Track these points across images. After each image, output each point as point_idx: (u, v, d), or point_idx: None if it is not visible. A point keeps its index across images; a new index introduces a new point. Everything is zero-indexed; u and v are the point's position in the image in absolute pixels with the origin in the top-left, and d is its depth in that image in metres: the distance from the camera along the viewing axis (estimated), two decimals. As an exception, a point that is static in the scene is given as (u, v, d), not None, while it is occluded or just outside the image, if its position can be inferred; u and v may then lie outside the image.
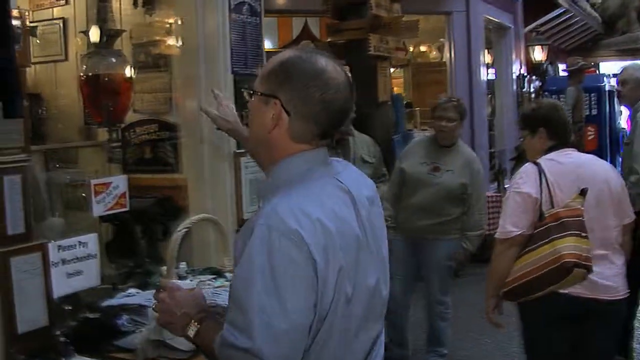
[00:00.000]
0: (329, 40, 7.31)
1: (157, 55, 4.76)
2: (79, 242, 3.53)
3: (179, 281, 3.31)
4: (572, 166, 3.92)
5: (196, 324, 2.07)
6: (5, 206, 3.04)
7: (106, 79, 4.27)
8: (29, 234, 3.15)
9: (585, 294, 3.79)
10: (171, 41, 4.69)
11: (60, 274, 3.35)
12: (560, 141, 4.05)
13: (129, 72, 4.38)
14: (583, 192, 3.75)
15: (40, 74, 5.11)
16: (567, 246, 3.65)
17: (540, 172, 3.85)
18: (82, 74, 4.37)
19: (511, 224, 3.87)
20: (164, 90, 4.70)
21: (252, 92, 2.05)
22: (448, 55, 10.23)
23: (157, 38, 4.74)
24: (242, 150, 4.29)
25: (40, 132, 4.94)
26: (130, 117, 4.69)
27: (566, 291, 3.77)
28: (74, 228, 4.30)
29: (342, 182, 2.02)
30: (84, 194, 4.53)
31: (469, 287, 7.30)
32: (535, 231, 3.79)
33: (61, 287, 3.35)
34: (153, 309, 2.29)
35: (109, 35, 4.33)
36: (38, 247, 3.17)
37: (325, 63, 1.97)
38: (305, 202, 1.88)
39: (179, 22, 4.62)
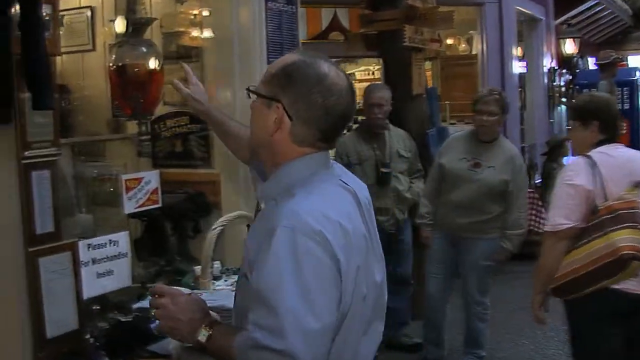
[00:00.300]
0: (361, 31, 7.14)
1: (188, 45, 4.65)
2: (110, 240, 3.41)
3: (181, 288, 3.13)
4: (623, 160, 3.86)
5: (207, 328, 2.04)
6: (33, 203, 2.88)
7: (136, 69, 4.05)
8: (58, 232, 2.99)
9: (636, 289, 3.71)
10: (203, 31, 4.57)
11: (90, 274, 3.22)
12: (610, 135, 3.98)
13: (159, 62, 4.16)
14: (638, 185, 3.71)
15: (66, 65, 4.97)
16: (624, 238, 3.57)
17: (593, 164, 3.75)
18: (110, 64, 4.15)
19: (563, 216, 3.77)
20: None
21: (255, 93, 2.07)
22: (479, 47, 9.96)
23: (189, 27, 4.62)
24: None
25: (67, 125, 4.76)
26: (160, 109, 4.52)
27: (617, 287, 3.68)
28: (102, 224, 4.29)
29: (347, 184, 2.06)
30: (112, 189, 4.40)
31: (505, 285, 7.18)
32: (589, 224, 3.70)
33: (91, 287, 3.22)
34: (153, 315, 2.21)
35: (140, 24, 4.13)
36: (68, 247, 3.02)
37: (328, 68, 2.00)
38: (322, 204, 1.91)
39: (212, 11, 4.53)
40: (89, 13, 4.94)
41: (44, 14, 2.84)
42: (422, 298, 5.90)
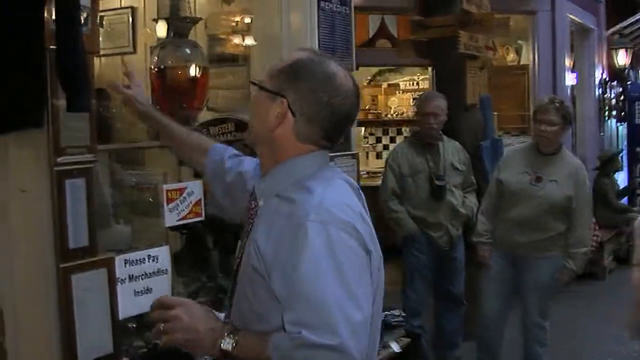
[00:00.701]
0: (411, 37, 6.85)
1: (234, 47, 4.47)
2: (149, 255, 3.19)
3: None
4: None
5: (231, 335, 1.95)
6: (66, 215, 2.66)
7: (179, 72, 3.91)
8: (93, 246, 2.77)
9: None
10: (250, 32, 4.39)
11: (127, 292, 3.01)
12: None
13: (204, 65, 3.95)
14: None
15: (105, 67, 4.71)
16: None
17: None
18: (152, 67, 4.00)
19: None
20: (242, 87, 4.39)
21: (260, 87, 2.06)
22: (530, 57, 9.65)
23: (235, 29, 4.43)
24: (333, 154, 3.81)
25: (105, 131, 4.49)
26: (204, 115, 4.33)
27: None
28: (140, 237, 4.08)
29: (350, 180, 2.10)
30: (151, 199, 4.15)
31: (562, 304, 6.79)
32: None
33: (128, 307, 3.01)
34: (161, 329, 2.02)
35: (184, 24, 3.90)
36: (103, 262, 2.80)
37: (336, 69, 2.01)
38: (342, 196, 1.95)
39: (260, 13, 4.32)
40: (129, 14, 4.81)
41: (82, 7, 2.57)
42: (474, 318, 5.63)
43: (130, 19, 4.79)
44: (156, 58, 4.00)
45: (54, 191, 2.59)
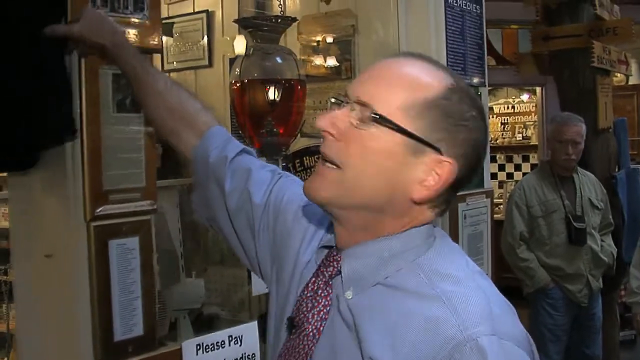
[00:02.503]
0: (531, 51, 6.05)
1: (337, 56, 3.72)
2: (230, 336, 2.39)
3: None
4: None
5: None
6: (110, 292, 1.89)
7: (269, 87, 3.18)
8: (150, 336, 2.02)
9: None
10: (358, 38, 3.63)
11: None
12: None
13: (300, 78, 3.30)
14: None
15: None
16: None
17: None
18: (234, 81, 3.32)
19: None
20: (345, 107, 3.47)
21: (401, 130, 1.31)
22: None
23: (337, 33, 3.69)
24: (465, 193, 3.00)
25: (172, 161, 3.77)
26: (297, 142, 3.67)
27: None
28: (216, 291, 3.64)
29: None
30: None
31: None
32: None
33: None
34: None
35: (275, 23, 3.13)
36: (165, 358, 2.04)
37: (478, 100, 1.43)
38: (486, 282, 1.38)
39: (368, 11, 3.57)
40: (204, 19, 4.25)
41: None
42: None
43: (206, 26, 4.24)
44: (238, 70, 3.31)
45: (92, 257, 1.86)
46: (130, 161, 1.88)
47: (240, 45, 3.52)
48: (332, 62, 3.64)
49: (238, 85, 3.30)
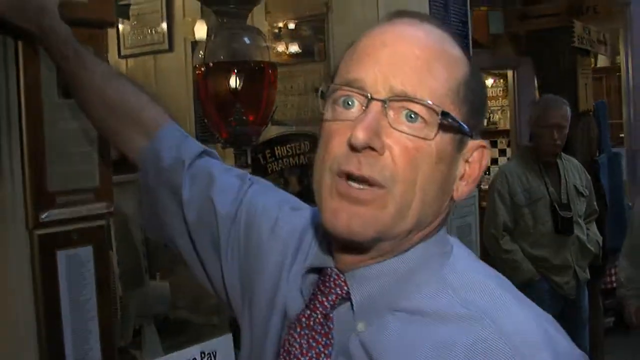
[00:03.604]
0: (506, 31, 6.05)
1: (308, 37, 3.52)
2: (202, 353, 2.15)
3: None
4: None
5: None
6: (61, 313, 1.61)
7: (236, 69, 2.94)
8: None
9: None
10: (332, 16, 3.40)
11: None
12: None
13: (271, 61, 3.08)
14: None
15: (133, 70, 4.13)
16: None
17: None
18: (198, 65, 3.08)
19: None
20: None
21: (455, 123, 1.07)
22: (623, 55, 8.51)
23: (309, 12, 3.49)
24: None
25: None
26: (268, 130, 3.43)
27: None
28: (185, 292, 3.24)
29: None
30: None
31: None
32: None
33: None
34: None
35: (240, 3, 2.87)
36: None
37: None
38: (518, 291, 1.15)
39: None
40: (163, 2, 4.06)
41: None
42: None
43: (165, 7, 4.05)
44: (202, 53, 3.06)
45: (36, 271, 1.57)
46: (80, 156, 1.59)
47: (201, 30, 3.34)
48: (303, 43, 3.43)
49: (203, 69, 3.08)
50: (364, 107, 1.02)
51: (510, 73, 8.26)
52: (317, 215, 1.13)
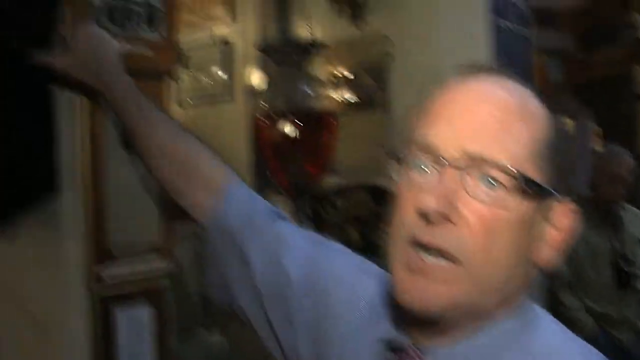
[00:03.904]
0: (567, 81, 6.05)
1: (368, 85, 3.49)
2: None
3: None
4: None
5: None
6: None
7: (296, 118, 3.03)
8: None
9: None
10: (393, 63, 3.40)
11: None
12: None
13: (332, 110, 3.17)
14: None
15: (192, 120, 3.91)
16: None
17: None
18: (258, 114, 3.18)
19: None
20: (380, 139, 3.37)
21: (534, 184, 0.99)
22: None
23: (371, 59, 3.47)
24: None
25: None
26: (327, 180, 3.46)
27: None
28: (244, 350, 3.02)
29: None
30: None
31: None
32: None
33: None
34: None
35: (302, 49, 2.96)
36: None
37: None
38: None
39: (405, 35, 3.36)
40: (223, 48, 3.96)
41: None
42: None
43: (224, 56, 3.97)
44: (262, 100, 3.17)
45: (94, 330, 1.51)
46: (142, 212, 1.55)
47: (260, 79, 3.36)
48: (363, 91, 3.42)
49: (262, 118, 3.10)
50: (439, 174, 0.96)
51: (569, 122, 8.26)
52: (388, 282, 1.06)
